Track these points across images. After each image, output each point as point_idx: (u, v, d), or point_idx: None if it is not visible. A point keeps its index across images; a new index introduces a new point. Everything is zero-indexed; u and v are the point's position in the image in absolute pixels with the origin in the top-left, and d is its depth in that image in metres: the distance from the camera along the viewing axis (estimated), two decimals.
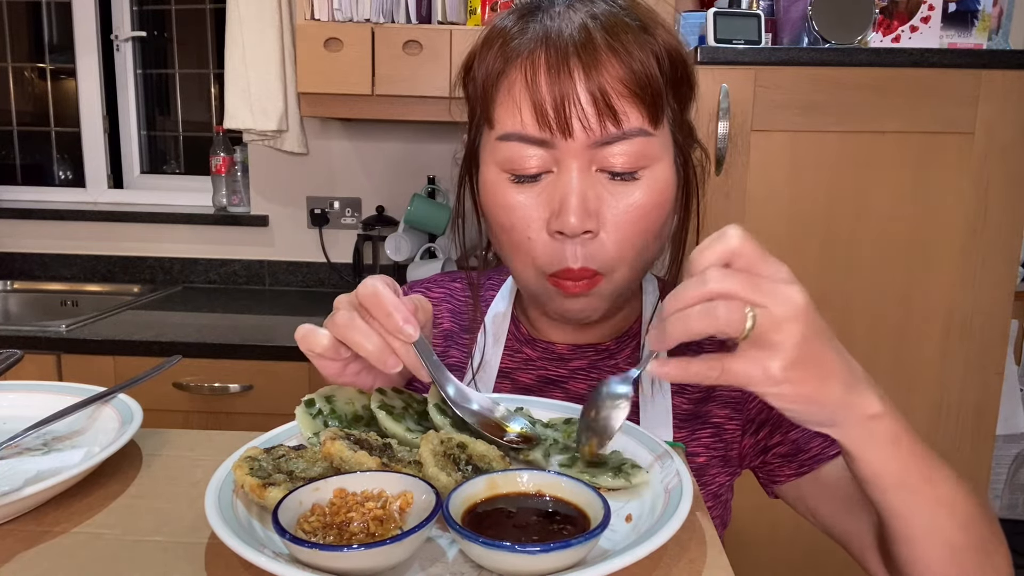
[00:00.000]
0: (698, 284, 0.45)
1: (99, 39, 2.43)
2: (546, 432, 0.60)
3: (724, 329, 0.44)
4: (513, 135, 0.65)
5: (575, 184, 0.63)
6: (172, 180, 2.55)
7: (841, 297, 1.50)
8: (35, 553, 0.46)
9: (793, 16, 1.58)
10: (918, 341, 1.50)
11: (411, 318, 0.54)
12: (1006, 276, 1.48)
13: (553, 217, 0.64)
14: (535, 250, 0.67)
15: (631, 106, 0.63)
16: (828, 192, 1.48)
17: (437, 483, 0.47)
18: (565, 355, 0.78)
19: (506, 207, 0.67)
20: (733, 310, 0.44)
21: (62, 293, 2.29)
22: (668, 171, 0.67)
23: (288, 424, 0.61)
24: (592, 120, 0.62)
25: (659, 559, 0.44)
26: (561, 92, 0.62)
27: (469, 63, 0.71)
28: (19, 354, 0.72)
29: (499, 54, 0.66)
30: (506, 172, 0.66)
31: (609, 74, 0.62)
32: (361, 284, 0.55)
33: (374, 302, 0.54)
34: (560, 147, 0.64)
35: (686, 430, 0.74)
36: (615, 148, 0.63)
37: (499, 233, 0.70)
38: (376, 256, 2.27)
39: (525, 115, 0.64)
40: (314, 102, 1.91)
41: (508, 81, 0.65)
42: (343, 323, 0.55)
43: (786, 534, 1.54)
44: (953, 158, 1.45)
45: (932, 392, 1.51)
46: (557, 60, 0.62)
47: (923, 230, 1.48)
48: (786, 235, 1.50)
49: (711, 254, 0.46)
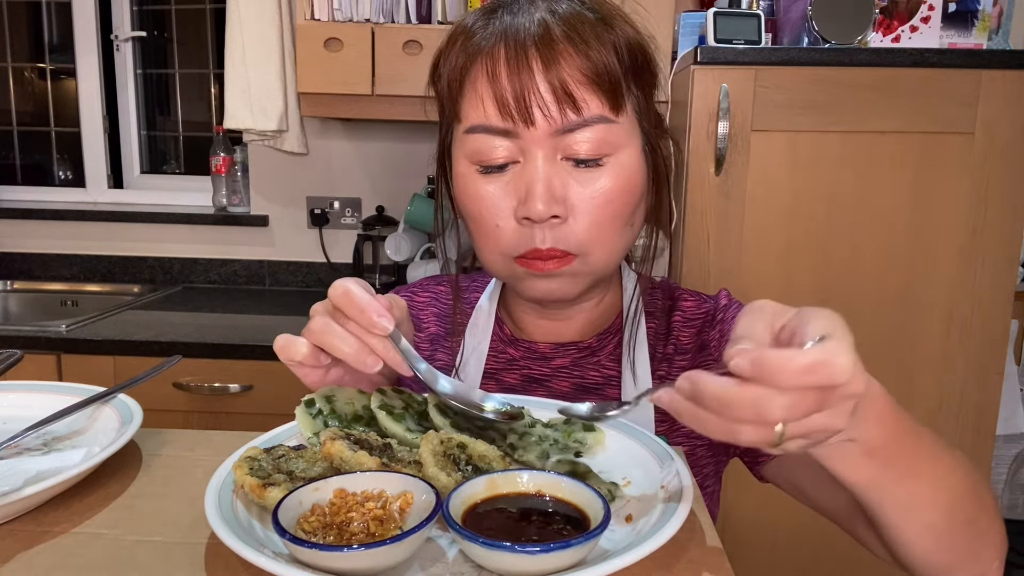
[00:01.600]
0: (750, 411, 0.38)
1: (99, 39, 2.43)
2: (546, 432, 0.60)
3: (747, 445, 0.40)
4: (479, 127, 0.67)
5: (540, 171, 0.65)
6: (172, 180, 2.55)
7: (841, 297, 1.50)
8: (35, 553, 0.46)
9: (793, 16, 1.58)
10: (918, 341, 1.50)
11: (384, 312, 0.55)
12: (1006, 276, 1.48)
13: (520, 204, 0.66)
14: (503, 237, 0.68)
15: (590, 94, 0.65)
16: (828, 192, 1.48)
17: (437, 483, 0.47)
18: (548, 354, 0.79)
19: (475, 197, 0.69)
20: (763, 434, 0.39)
21: (62, 293, 2.29)
22: (634, 158, 0.69)
23: (288, 424, 0.61)
24: (552, 108, 0.64)
25: (659, 559, 0.44)
26: (521, 83, 0.64)
27: (436, 62, 0.73)
28: (19, 354, 0.72)
29: (462, 51, 0.69)
30: (475, 164, 0.69)
31: (567, 64, 0.64)
32: (332, 287, 0.56)
33: (346, 301, 0.55)
34: (524, 136, 0.66)
35: (667, 422, 0.74)
36: (577, 135, 0.65)
37: (470, 224, 0.72)
38: (376, 256, 2.27)
39: (488, 107, 0.66)
40: (314, 102, 1.91)
41: (472, 76, 0.68)
42: (319, 329, 0.56)
43: (786, 535, 1.54)
44: (953, 158, 1.45)
45: (932, 392, 1.51)
46: (516, 53, 0.65)
47: (923, 230, 1.48)
48: (786, 235, 1.50)
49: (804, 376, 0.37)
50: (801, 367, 0.36)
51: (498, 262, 0.71)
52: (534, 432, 0.60)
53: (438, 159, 0.77)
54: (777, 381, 0.37)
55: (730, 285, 1.51)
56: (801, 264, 1.51)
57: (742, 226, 1.50)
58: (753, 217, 1.49)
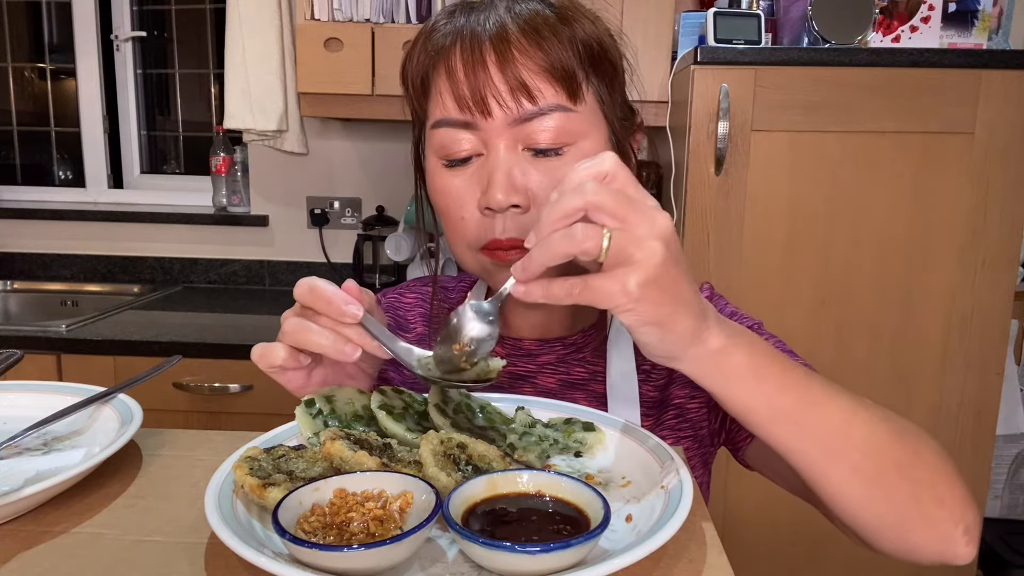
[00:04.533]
0: (574, 196, 0.46)
1: (99, 39, 2.43)
2: (546, 432, 0.60)
3: (582, 249, 0.45)
4: (441, 122, 0.69)
5: (500, 161, 0.66)
6: (172, 180, 2.55)
7: (841, 297, 1.50)
8: (35, 553, 0.46)
9: (793, 16, 1.58)
10: (918, 341, 1.50)
11: (352, 299, 0.56)
12: (1006, 276, 1.48)
13: (482, 195, 0.67)
14: (468, 229, 0.70)
15: (544, 83, 0.66)
16: (828, 192, 1.48)
17: (437, 483, 0.47)
18: (533, 351, 0.80)
19: (442, 191, 0.70)
20: (590, 230, 0.45)
21: (62, 293, 2.28)
22: (597, 148, 0.69)
23: (288, 424, 0.61)
24: (507, 98, 0.65)
25: (659, 559, 0.44)
26: (476, 76, 0.66)
27: (404, 64, 0.74)
28: (19, 354, 0.72)
29: (423, 51, 0.71)
30: (441, 159, 0.70)
31: (521, 56, 0.66)
32: (296, 286, 0.57)
33: (312, 296, 0.56)
34: (484, 128, 0.67)
35: (652, 417, 0.75)
36: (535, 124, 0.66)
37: (440, 218, 0.74)
38: (376, 256, 2.27)
39: (447, 101, 0.68)
40: (314, 102, 1.91)
41: (433, 75, 0.70)
42: (292, 329, 0.56)
43: (786, 534, 1.54)
44: (953, 158, 1.45)
45: (932, 392, 1.51)
46: (472, 48, 0.67)
47: (923, 230, 1.48)
48: (786, 235, 1.50)
49: (586, 173, 0.48)
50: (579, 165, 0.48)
51: (466, 254, 0.72)
52: (534, 432, 0.60)
53: (414, 160, 0.79)
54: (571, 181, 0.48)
55: (730, 285, 1.51)
56: (801, 264, 1.51)
57: (742, 226, 1.50)
58: (753, 217, 1.49)
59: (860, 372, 1.51)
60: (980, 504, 1.55)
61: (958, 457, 1.52)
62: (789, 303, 1.51)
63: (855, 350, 1.51)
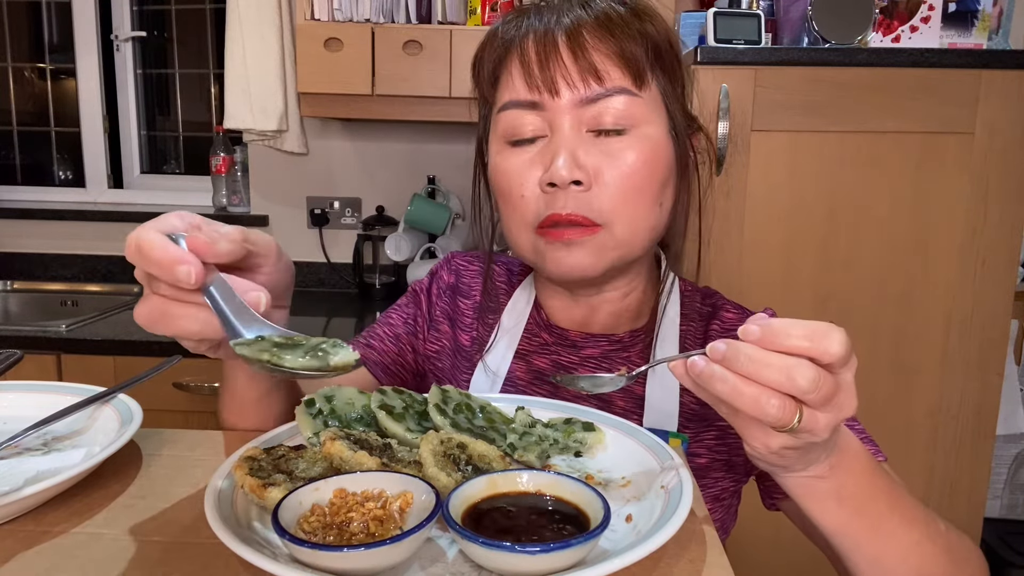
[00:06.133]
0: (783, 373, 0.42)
1: (99, 39, 2.43)
2: (546, 432, 0.60)
3: (767, 419, 0.43)
4: (509, 103, 0.71)
5: (565, 139, 0.68)
6: (172, 180, 2.55)
7: (841, 297, 1.50)
8: (35, 553, 0.46)
9: (793, 16, 1.58)
10: (918, 341, 1.50)
11: (184, 258, 0.44)
12: (1006, 276, 1.48)
13: (545, 172, 0.68)
14: (528, 207, 0.70)
15: (612, 66, 0.68)
16: (828, 192, 1.48)
17: (437, 483, 0.47)
18: (578, 342, 0.79)
19: (504, 171, 0.72)
20: (786, 413, 0.42)
21: (62, 293, 2.28)
22: (659, 133, 0.70)
23: (288, 424, 0.61)
24: (575, 77, 0.67)
25: (659, 559, 0.44)
26: (547, 58, 0.68)
27: (475, 63, 0.77)
28: (19, 354, 0.72)
29: (498, 46, 0.73)
30: (506, 141, 0.72)
31: (591, 39, 0.68)
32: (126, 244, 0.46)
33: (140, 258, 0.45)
34: (550, 108, 0.69)
35: (691, 430, 0.74)
36: (601, 105, 0.68)
37: (499, 201, 0.74)
38: (376, 256, 2.28)
39: (517, 83, 0.70)
40: (314, 102, 1.90)
41: (505, 64, 0.73)
42: (148, 321, 0.48)
43: (789, 536, 1.54)
44: (953, 158, 1.45)
45: (932, 392, 1.51)
46: (544, 35, 0.69)
47: (923, 230, 1.48)
48: (786, 234, 1.50)
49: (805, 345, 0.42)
50: (801, 331, 0.42)
51: (522, 235, 0.72)
52: (534, 432, 0.60)
53: (476, 153, 0.81)
54: (780, 341, 0.42)
55: (730, 285, 1.51)
56: (801, 264, 1.50)
57: (742, 226, 1.50)
58: (753, 217, 1.49)
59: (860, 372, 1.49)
60: (980, 504, 1.55)
61: (958, 457, 1.52)
62: (789, 303, 1.51)
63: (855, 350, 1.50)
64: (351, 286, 2.32)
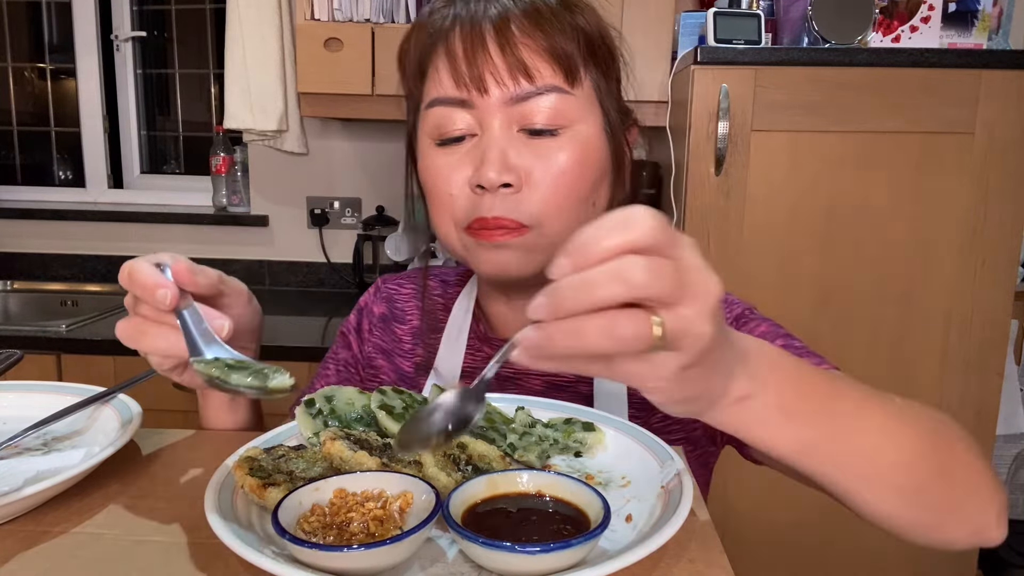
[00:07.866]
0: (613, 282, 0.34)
1: (99, 39, 2.42)
2: (546, 432, 0.60)
3: (628, 349, 0.35)
4: (437, 100, 0.68)
5: (495, 139, 0.66)
6: (172, 180, 2.55)
7: (841, 297, 1.50)
8: (35, 553, 0.46)
9: (793, 16, 1.58)
10: (918, 341, 1.50)
11: (163, 283, 0.54)
12: (1006, 276, 1.48)
13: (474, 172, 0.66)
14: (456, 206, 0.69)
15: (543, 63, 0.66)
16: (828, 192, 1.48)
17: (437, 483, 0.47)
18: None
19: (432, 169, 0.70)
20: (640, 327, 0.34)
21: (62, 293, 2.28)
22: (592, 133, 0.68)
23: (288, 424, 0.61)
24: (504, 75, 0.65)
25: (659, 559, 0.44)
26: (474, 53, 0.65)
27: (400, 55, 0.74)
28: (19, 354, 0.72)
29: (422, 35, 0.70)
30: (434, 139, 0.70)
31: (520, 34, 0.65)
32: (120, 271, 0.56)
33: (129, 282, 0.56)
34: (480, 106, 0.66)
35: (640, 419, 0.73)
36: (532, 104, 0.66)
37: (427, 197, 0.73)
38: (376, 256, 2.27)
39: (444, 80, 0.67)
40: (314, 102, 1.90)
41: (432, 56, 0.69)
42: (123, 333, 0.56)
43: (786, 534, 1.54)
44: (953, 158, 1.45)
45: (932, 392, 1.51)
46: (471, 28, 0.66)
47: (923, 230, 1.48)
48: (786, 235, 1.50)
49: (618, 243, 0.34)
50: (606, 230, 0.35)
51: (451, 234, 0.71)
52: (534, 432, 0.60)
53: (407, 149, 0.78)
54: (593, 252, 0.34)
55: (730, 285, 1.51)
56: (801, 264, 1.51)
57: (742, 226, 1.50)
58: (753, 217, 1.49)
59: (860, 372, 1.50)
60: None
61: None
62: (789, 303, 1.51)
63: (855, 350, 1.51)
64: (351, 286, 2.32)
